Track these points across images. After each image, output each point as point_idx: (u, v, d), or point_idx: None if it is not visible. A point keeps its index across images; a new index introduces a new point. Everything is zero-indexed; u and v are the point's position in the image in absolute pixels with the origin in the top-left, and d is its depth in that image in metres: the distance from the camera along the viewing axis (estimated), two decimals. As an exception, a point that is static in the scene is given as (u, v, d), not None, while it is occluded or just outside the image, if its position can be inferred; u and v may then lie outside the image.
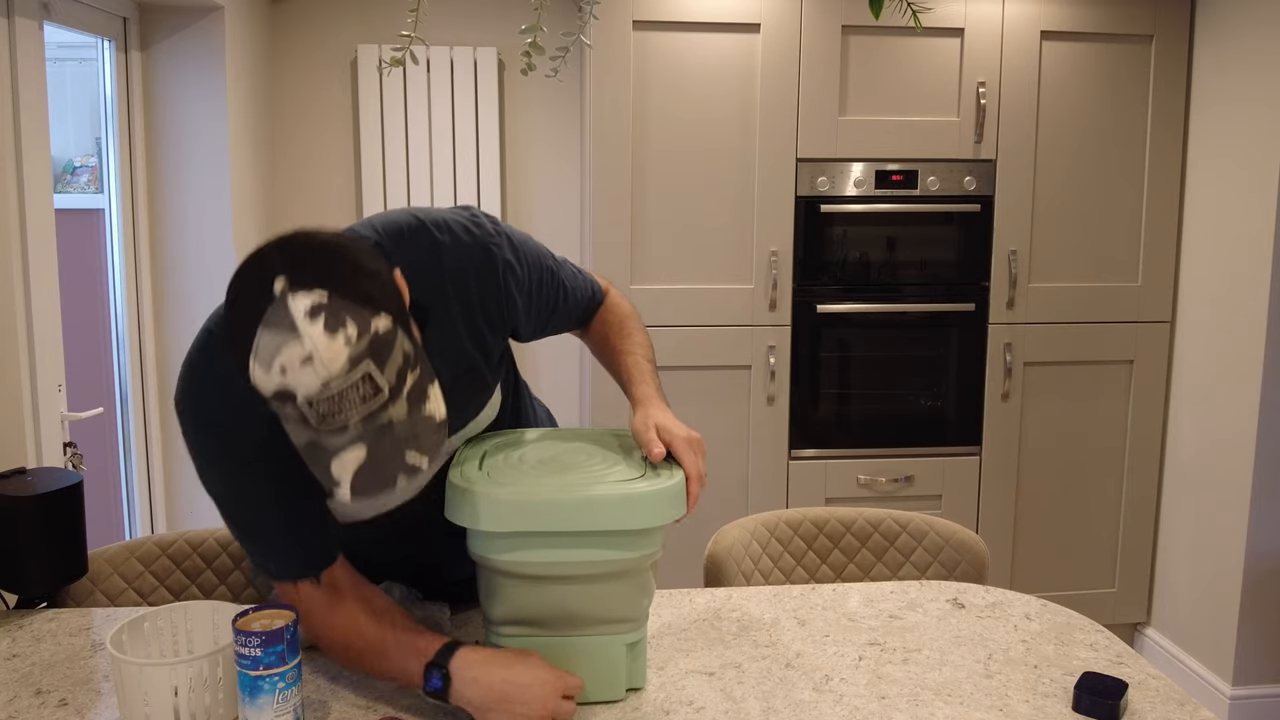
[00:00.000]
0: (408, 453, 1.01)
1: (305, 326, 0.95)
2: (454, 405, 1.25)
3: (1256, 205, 2.72)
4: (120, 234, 2.66)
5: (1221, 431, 2.86)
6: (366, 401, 0.98)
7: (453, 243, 1.23)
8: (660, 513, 1.18)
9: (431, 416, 1.03)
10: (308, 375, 0.96)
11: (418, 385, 1.03)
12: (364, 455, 1.00)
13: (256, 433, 1.15)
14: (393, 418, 1.01)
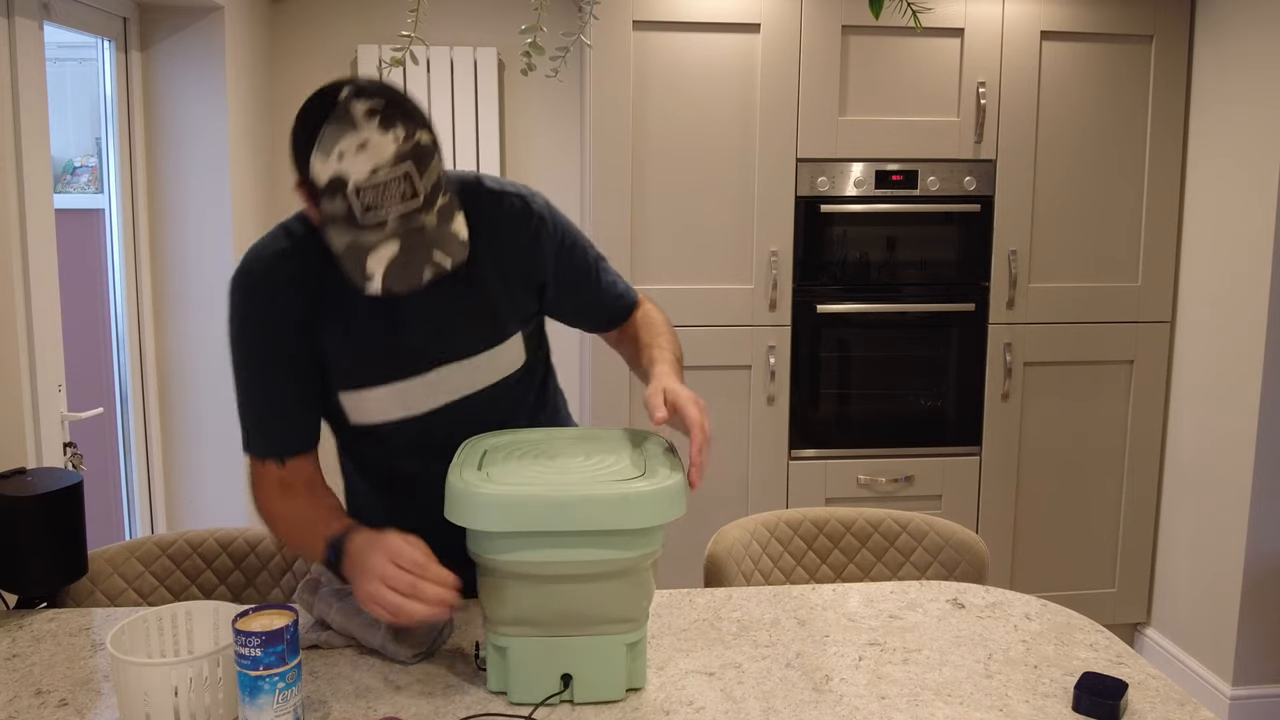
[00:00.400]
0: (435, 252, 1.17)
1: (363, 121, 1.15)
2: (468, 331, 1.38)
3: (1256, 205, 2.72)
4: (120, 234, 2.66)
5: (1221, 431, 2.86)
6: (404, 201, 1.15)
7: (494, 186, 1.40)
8: (660, 512, 1.18)
9: (457, 234, 1.19)
10: (360, 161, 1.14)
11: (447, 207, 1.20)
12: (396, 250, 1.16)
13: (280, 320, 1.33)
14: (425, 223, 1.17)
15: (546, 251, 1.42)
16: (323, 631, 1.39)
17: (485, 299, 1.39)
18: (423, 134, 1.18)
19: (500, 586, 1.20)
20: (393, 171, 1.15)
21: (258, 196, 3.06)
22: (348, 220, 1.16)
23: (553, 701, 1.23)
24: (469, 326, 1.38)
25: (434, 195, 1.18)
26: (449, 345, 1.38)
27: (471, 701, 1.23)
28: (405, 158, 1.15)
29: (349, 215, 1.16)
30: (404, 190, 1.15)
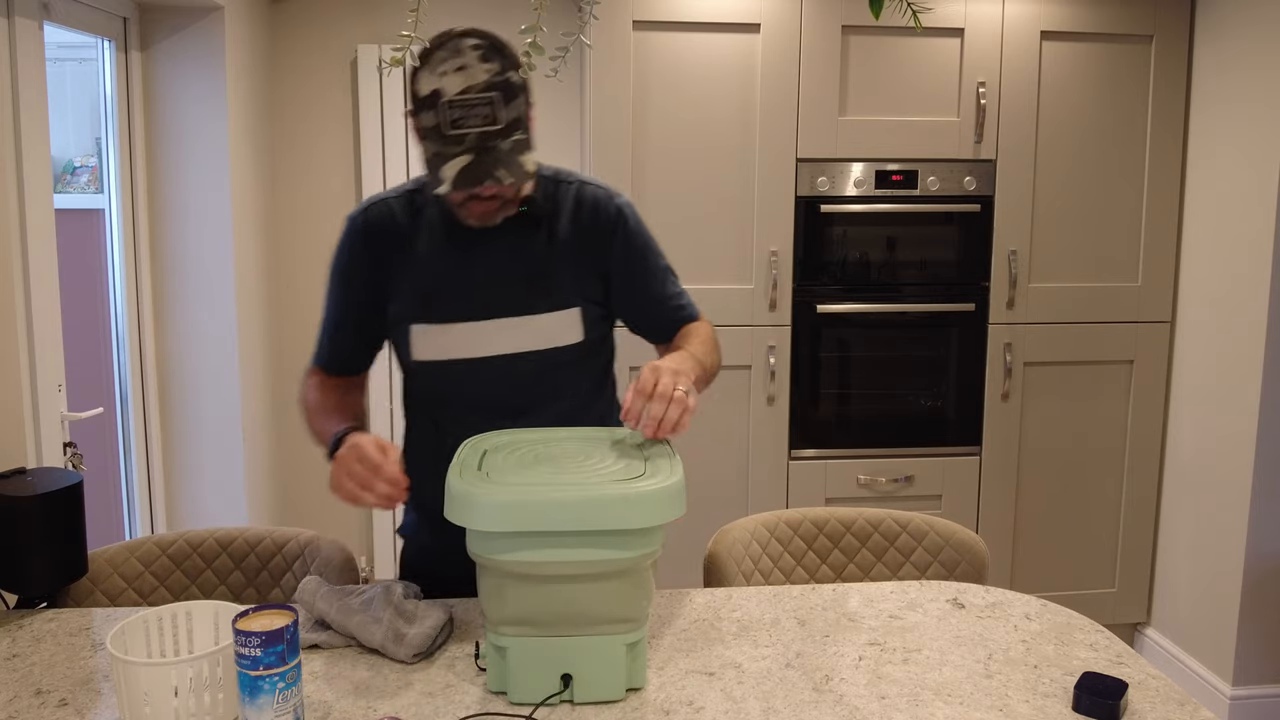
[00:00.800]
0: (500, 170, 1.36)
1: (467, 50, 1.36)
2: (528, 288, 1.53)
3: (1256, 205, 2.72)
4: (120, 234, 2.66)
5: (1221, 431, 2.86)
6: (485, 123, 1.35)
7: (584, 177, 1.60)
8: (660, 512, 1.18)
9: (524, 164, 1.38)
10: (455, 80, 1.35)
11: (522, 143, 1.38)
12: (469, 160, 1.36)
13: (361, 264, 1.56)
14: (498, 146, 1.36)
15: (617, 243, 1.57)
16: (323, 631, 1.39)
17: (551, 264, 1.54)
18: (514, 76, 1.37)
19: (500, 586, 1.20)
20: (480, 96, 1.34)
21: (258, 196, 3.06)
22: (436, 131, 1.36)
23: (553, 701, 1.23)
24: (530, 284, 1.53)
25: (511, 128, 1.37)
26: (509, 296, 1.53)
27: (471, 701, 1.23)
28: (493, 88, 1.35)
29: (438, 127, 1.36)
30: (486, 114, 1.35)
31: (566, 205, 1.56)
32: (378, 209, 1.57)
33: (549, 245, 1.54)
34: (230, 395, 2.83)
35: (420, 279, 1.54)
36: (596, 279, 1.57)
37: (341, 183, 3.33)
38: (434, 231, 1.54)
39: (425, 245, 1.54)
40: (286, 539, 1.73)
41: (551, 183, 1.57)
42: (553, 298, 1.54)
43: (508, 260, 1.53)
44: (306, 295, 3.36)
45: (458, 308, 1.53)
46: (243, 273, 2.88)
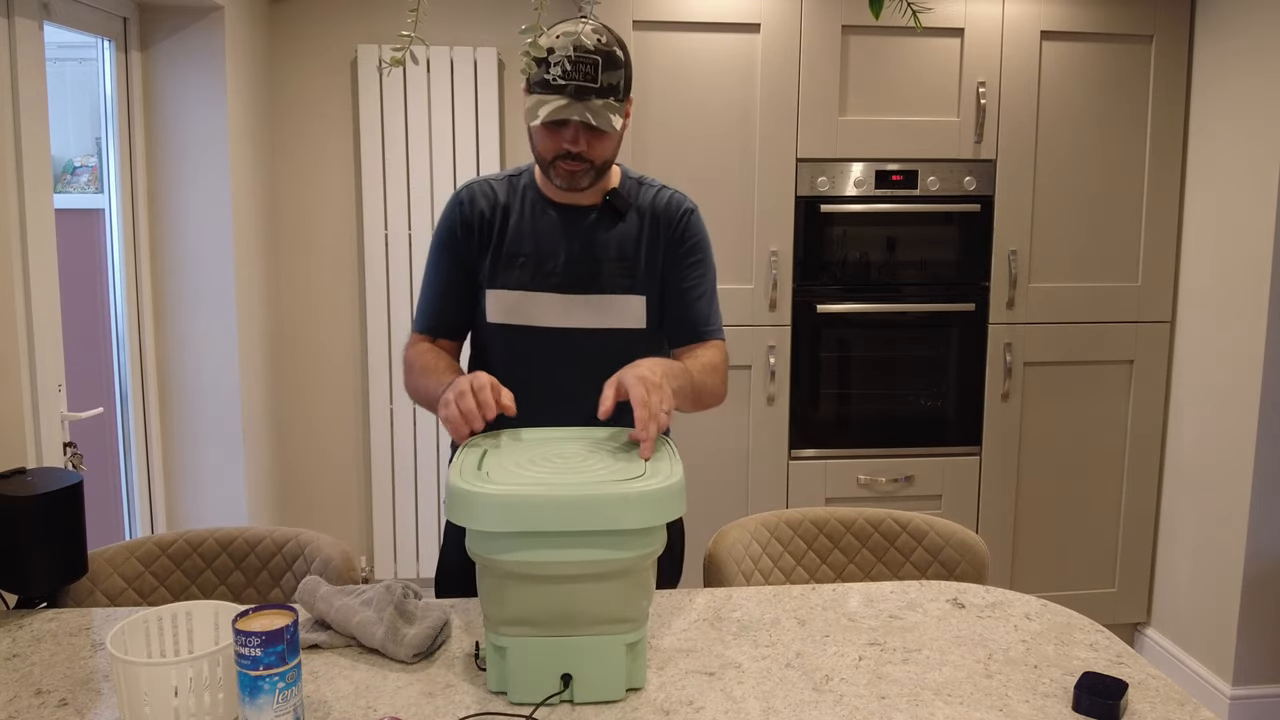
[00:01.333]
0: (588, 115, 1.52)
1: (584, 27, 1.54)
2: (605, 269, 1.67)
3: (1257, 205, 2.72)
4: (120, 234, 2.66)
5: (1221, 432, 2.86)
6: (584, 81, 1.52)
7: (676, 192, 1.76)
8: (659, 512, 1.18)
9: (612, 119, 1.54)
10: (566, 40, 1.51)
11: (611, 108, 1.55)
12: (563, 103, 1.53)
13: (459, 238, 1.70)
14: (591, 102, 1.53)
15: (676, 238, 1.71)
16: (323, 631, 1.39)
17: (626, 250, 1.68)
18: (619, 52, 1.56)
19: (500, 586, 1.20)
20: (585, 56, 1.51)
21: (257, 196, 3.06)
22: (543, 83, 1.53)
23: (553, 701, 1.23)
24: (605, 265, 1.67)
25: (606, 91, 1.54)
26: (585, 273, 1.66)
27: (471, 701, 1.23)
28: (598, 54, 1.52)
29: (544, 79, 1.52)
30: (586, 73, 1.52)
31: (647, 202, 1.72)
32: (478, 184, 1.73)
33: (624, 234, 1.69)
34: (230, 395, 2.83)
35: (509, 249, 1.68)
36: (656, 272, 1.71)
37: (341, 182, 3.33)
38: (527, 206, 1.70)
39: (517, 217, 1.69)
40: (286, 539, 1.73)
41: (636, 182, 1.74)
42: (624, 282, 1.67)
43: (588, 241, 1.67)
44: (307, 294, 3.36)
45: (536, 277, 1.66)
46: (242, 273, 2.88)
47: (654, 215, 1.71)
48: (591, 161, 1.60)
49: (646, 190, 1.73)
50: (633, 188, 1.73)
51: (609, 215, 1.70)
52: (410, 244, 3.27)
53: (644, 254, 1.69)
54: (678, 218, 1.72)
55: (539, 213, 1.69)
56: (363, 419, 3.42)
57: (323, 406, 3.41)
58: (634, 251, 1.69)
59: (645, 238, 1.70)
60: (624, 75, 1.57)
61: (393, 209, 3.26)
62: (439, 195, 3.26)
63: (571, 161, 1.59)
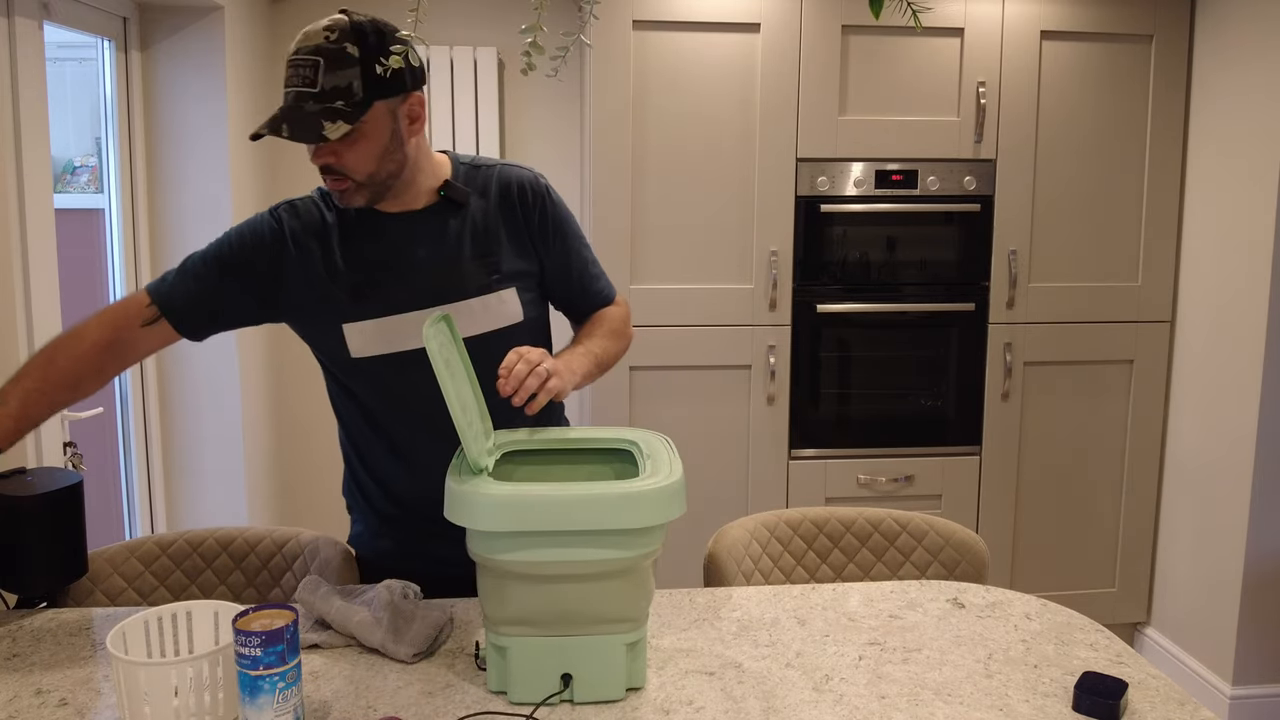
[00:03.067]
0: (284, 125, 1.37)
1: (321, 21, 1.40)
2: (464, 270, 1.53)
3: (1257, 205, 2.72)
4: (120, 234, 2.66)
5: (1221, 431, 2.86)
6: (303, 86, 1.37)
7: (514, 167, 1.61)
8: (659, 511, 1.18)
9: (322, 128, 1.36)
10: (297, 39, 1.39)
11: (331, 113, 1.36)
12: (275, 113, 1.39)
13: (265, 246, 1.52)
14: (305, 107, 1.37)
15: (541, 220, 1.58)
16: (323, 631, 1.39)
17: (479, 245, 1.54)
18: (351, 49, 1.37)
19: (500, 586, 1.20)
20: (306, 57, 1.37)
21: (258, 197, 3.06)
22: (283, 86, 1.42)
23: (553, 701, 1.23)
24: (459, 267, 1.52)
25: (329, 95, 1.37)
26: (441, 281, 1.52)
27: (471, 701, 1.23)
28: (319, 53, 1.37)
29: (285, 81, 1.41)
30: (306, 76, 1.37)
31: (491, 188, 1.57)
32: (304, 204, 1.55)
33: (474, 228, 1.54)
34: (230, 395, 2.83)
35: (348, 276, 1.51)
36: (527, 258, 1.58)
37: (341, 183, 3.32)
38: (360, 226, 1.53)
39: (349, 239, 1.52)
40: (286, 539, 1.73)
41: (470, 168, 1.58)
42: (486, 279, 1.53)
43: (434, 246, 1.52)
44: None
45: (389, 301, 1.51)
46: (243, 273, 2.88)
47: (503, 197, 1.56)
48: (351, 177, 1.43)
49: (484, 173, 1.57)
50: (468, 174, 1.57)
51: (449, 211, 1.53)
52: (410, 244, 3.27)
53: (504, 241, 1.55)
54: (534, 196, 1.58)
55: (372, 228, 1.52)
56: (363, 419, 3.41)
57: (323, 406, 3.40)
58: (490, 243, 1.54)
59: (500, 224, 1.55)
60: (360, 74, 1.37)
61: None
62: (439, 195, 3.26)
63: (332, 178, 1.44)
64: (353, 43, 1.37)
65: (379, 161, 1.44)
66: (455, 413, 1.22)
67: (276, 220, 1.53)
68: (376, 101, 1.40)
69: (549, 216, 1.59)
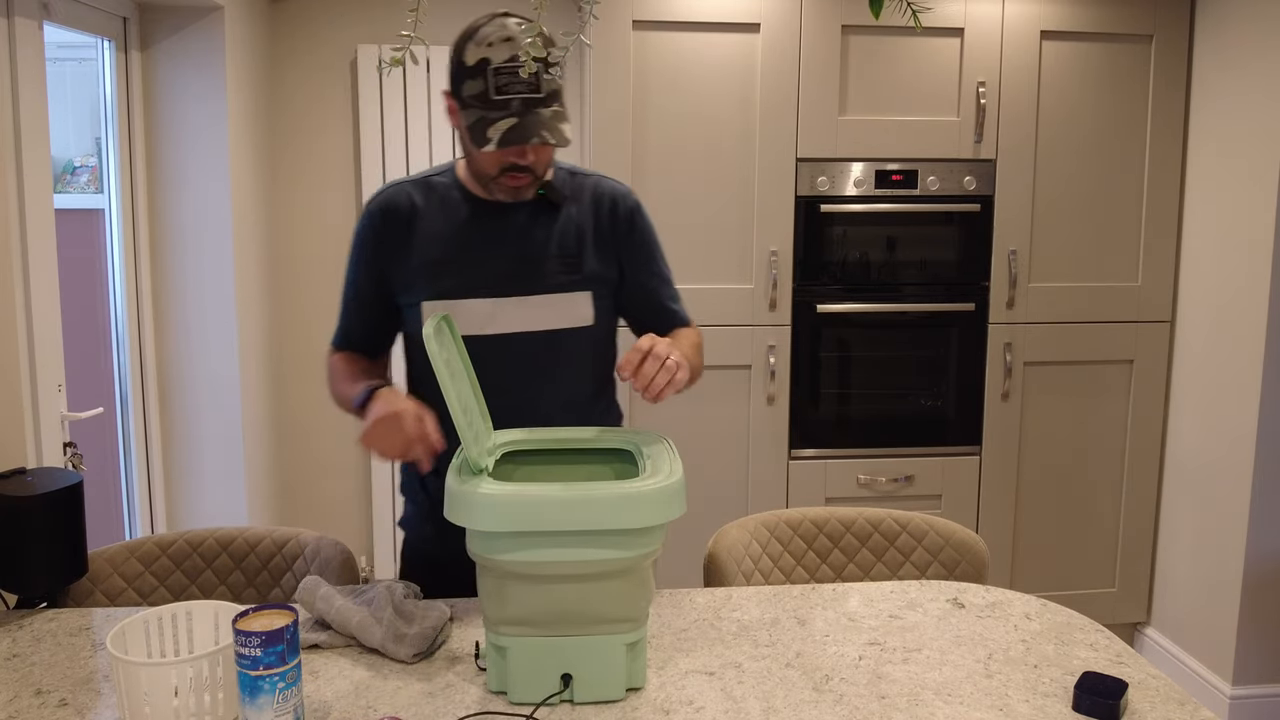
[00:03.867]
0: (543, 131, 1.43)
1: (513, 26, 1.44)
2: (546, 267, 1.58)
3: (1257, 205, 2.72)
4: (120, 234, 2.66)
5: (1221, 431, 2.86)
6: (528, 90, 1.43)
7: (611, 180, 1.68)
8: (660, 511, 1.18)
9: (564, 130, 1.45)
10: (502, 50, 1.43)
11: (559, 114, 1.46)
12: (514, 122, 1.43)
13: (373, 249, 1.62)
14: (540, 110, 1.44)
15: (630, 236, 1.64)
16: (323, 631, 1.39)
17: (565, 246, 1.59)
18: (555, 52, 1.46)
19: (500, 586, 1.20)
20: (519, 64, 1.42)
21: (258, 197, 3.06)
22: (481, 98, 1.44)
23: (553, 701, 1.23)
24: (543, 263, 1.58)
25: (551, 98, 1.45)
26: (521, 273, 1.57)
27: (471, 701, 1.23)
28: (537, 60, 1.43)
29: (484, 93, 1.44)
30: (530, 82, 1.43)
31: (584, 195, 1.63)
32: (391, 192, 1.62)
33: (564, 228, 1.60)
34: (230, 395, 2.83)
35: (432, 256, 1.58)
36: (609, 267, 1.63)
37: (341, 182, 3.33)
38: (449, 211, 1.60)
39: (439, 225, 1.59)
40: (286, 539, 1.73)
41: (568, 173, 1.65)
42: (568, 278, 1.59)
43: (524, 239, 1.58)
44: (307, 295, 3.36)
45: (469, 284, 1.57)
46: (242, 273, 2.88)
47: (595, 205, 1.63)
48: (536, 172, 1.53)
49: (582, 180, 1.64)
50: (566, 179, 1.63)
51: (544, 210, 1.60)
52: (410, 244, 3.27)
53: (590, 247, 1.61)
54: (626, 211, 1.64)
55: (465, 215, 1.59)
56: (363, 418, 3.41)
57: (323, 406, 3.41)
58: (577, 246, 1.60)
59: (588, 230, 1.61)
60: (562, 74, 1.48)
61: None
62: (439, 195, 3.26)
63: (518, 175, 1.51)
64: (552, 46, 1.47)
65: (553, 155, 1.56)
66: (455, 413, 1.22)
67: (370, 218, 1.62)
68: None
69: (635, 231, 1.65)
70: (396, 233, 1.60)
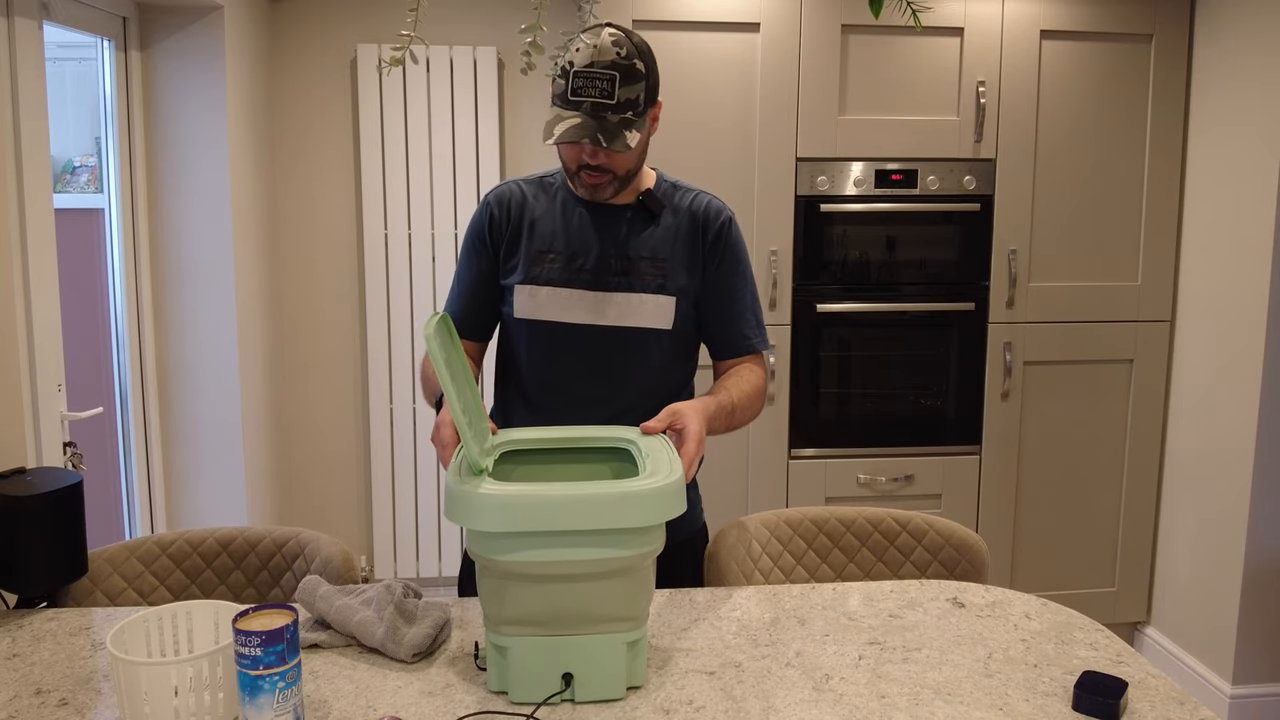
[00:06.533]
0: (599, 134, 1.51)
1: (604, 37, 1.52)
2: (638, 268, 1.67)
3: (1256, 204, 2.72)
4: (120, 234, 2.66)
5: (1221, 431, 2.86)
6: (601, 98, 1.51)
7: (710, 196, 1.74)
8: (660, 510, 1.18)
9: (624, 138, 1.52)
10: (585, 53, 1.51)
11: (627, 122, 1.53)
12: (576, 123, 1.52)
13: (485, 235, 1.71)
14: (607, 118, 1.52)
15: (717, 249, 1.70)
16: (323, 631, 1.39)
17: (657, 251, 1.67)
18: (639, 64, 1.53)
19: (501, 586, 1.20)
20: (602, 71, 1.50)
21: (257, 196, 3.06)
22: (561, 97, 1.53)
23: (554, 701, 1.23)
24: (634, 265, 1.66)
25: (624, 106, 1.52)
26: (612, 271, 1.66)
27: (472, 701, 1.23)
28: (615, 68, 1.50)
29: (562, 93, 1.53)
30: (603, 89, 1.50)
31: (682, 207, 1.71)
32: (507, 186, 1.74)
33: (661, 235, 1.68)
34: (230, 395, 2.83)
35: (538, 244, 1.68)
36: (693, 277, 1.69)
37: (341, 182, 3.33)
38: (558, 205, 1.70)
39: (547, 216, 1.69)
40: (286, 539, 1.73)
41: (670, 185, 1.73)
42: (656, 282, 1.67)
43: (621, 240, 1.67)
44: (307, 294, 3.36)
45: (566, 273, 1.66)
46: (242, 272, 2.88)
47: (691, 219, 1.70)
48: (614, 172, 1.60)
49: (683, 194, 1.73)
50: (668, 190, 1.72)
51: (642, 216, 1.69)
52: (410, 243, 3.27)
53: (679, 256, 1.69)
54: (716, 226, 1.70)
55: (571, 211, 1.69)
56: (363, 419, 3.42)
57: (323, 406, 3.41)
58: (668, 253, 1.68)
59: (681, 240, 1.69)
60: (645, 87, 1.55)
61: (392, 208, 3.26)
62: (439, 195, 3.26)
63: (594, 173, 1.60)
64: (639, 59, 1.54)
65: (637, 160, 1.64)
66: (456, 412, 1.22)
67: (486, 207, 1.72)
68: (649, 109, 1.58)
69: (723, 244, 1.71)
70: (509, 218, 1.70)
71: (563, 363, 1.67)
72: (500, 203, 1.71)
